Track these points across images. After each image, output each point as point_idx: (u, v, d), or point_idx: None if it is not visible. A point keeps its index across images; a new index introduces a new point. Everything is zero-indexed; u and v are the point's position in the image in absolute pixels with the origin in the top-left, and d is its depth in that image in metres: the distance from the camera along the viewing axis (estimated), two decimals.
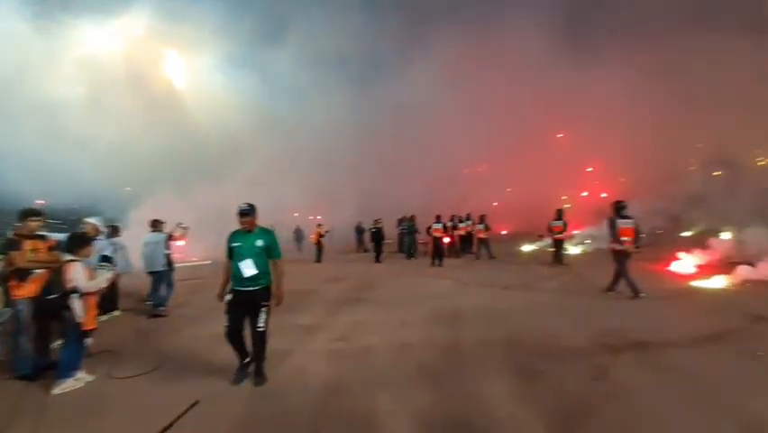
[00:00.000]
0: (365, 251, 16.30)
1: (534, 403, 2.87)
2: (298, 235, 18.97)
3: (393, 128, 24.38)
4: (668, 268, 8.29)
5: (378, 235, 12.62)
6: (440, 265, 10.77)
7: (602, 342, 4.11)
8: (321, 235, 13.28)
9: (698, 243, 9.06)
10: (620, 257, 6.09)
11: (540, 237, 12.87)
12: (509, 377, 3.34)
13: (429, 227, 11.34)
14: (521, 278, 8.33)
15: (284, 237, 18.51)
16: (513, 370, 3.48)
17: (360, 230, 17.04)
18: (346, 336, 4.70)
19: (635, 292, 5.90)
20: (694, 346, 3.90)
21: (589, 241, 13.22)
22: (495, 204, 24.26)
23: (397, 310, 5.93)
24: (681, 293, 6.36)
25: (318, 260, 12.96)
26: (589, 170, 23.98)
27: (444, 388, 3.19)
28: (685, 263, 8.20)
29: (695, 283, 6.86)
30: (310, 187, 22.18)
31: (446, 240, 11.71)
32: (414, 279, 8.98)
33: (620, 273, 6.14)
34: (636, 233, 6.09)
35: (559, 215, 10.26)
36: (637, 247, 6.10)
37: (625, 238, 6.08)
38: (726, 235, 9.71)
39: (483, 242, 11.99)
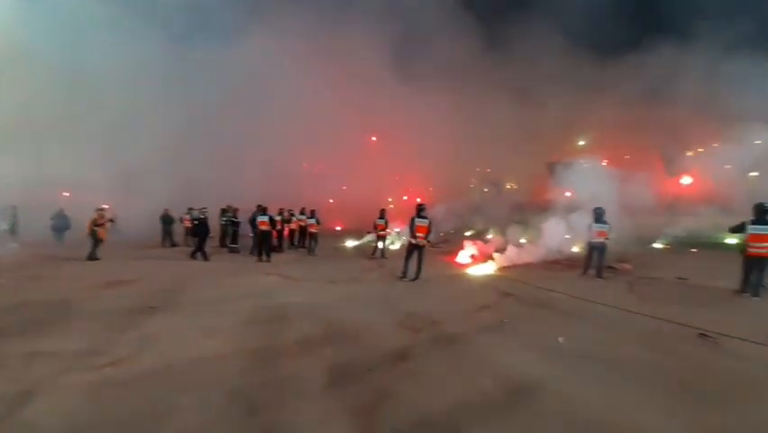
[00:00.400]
0: (172, 245, 13.55)
1: (342, 397, 2.86)
2: (59, 222, 13.99)
3: (225, 109, 21.36)
4: (454, 259, 10.49)
5: (201, 228, 10.60)
6: (267, 261, 10.07)
7: (407, 324, 4.65)
8: (98, 225, 9.92)
9: (474, 239, 11.88)
10: (412, 249, 7.43)
11: (368, 233, 14.01)
12: (322, 375, 3.25)
13: (253, 219, 10.43)
14: (347, 271, 8.71)
15: (37, 224, 13.37)
16: (327, 365, 3.42)
17: (167, 220, 13.95)
18: (122, 359, 3.56)
19: (404, 275, 7.45)
20: (466, 320, 4.92)
21: (404, 237, 15.39)
22: (331, 201, 25.13)
23: (206, 316, 5.03)
24: (460, 278, 8.11)
25: (92, 257, 9.76)
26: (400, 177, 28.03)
27: (253, 408, 2.78)
28: (464, 255, 10.58)
29: (469, 270, 8.89)
30: (101, 160, 16.81)
31: (285, 232, 11.10)
32: (234, 277, 7.99)
33: (418, 262, 7.48)
34: (429, 230, 7.35)
35: (382, 214, 11.40)
36: (428, 242, 7.39)
37: (419, 234, 7.37)
38: (490, 234, 13.16)
39: (313, 237, 12.03)
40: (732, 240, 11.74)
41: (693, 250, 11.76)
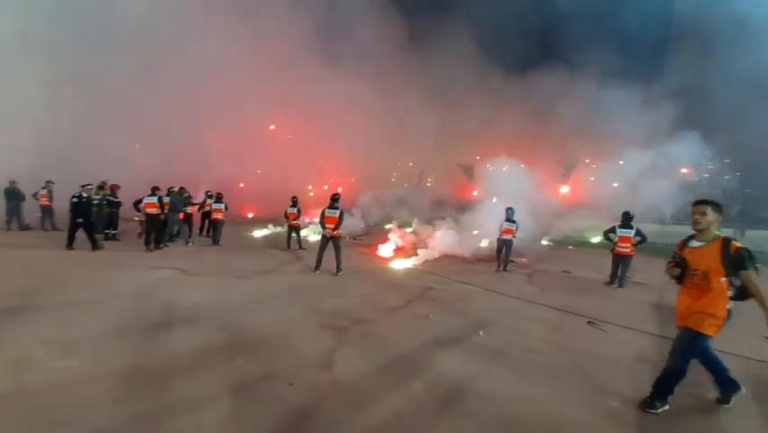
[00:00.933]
0: (22, 228, 10.55)
1: (255, 425, 2.34)
2: None
3: (116, 58, 17.05)
4: (376, 252, 10.40)
5: (82, 208, 8.16)
6: (152, 250, 8.47)
7: (330, 324, 4.24)
8: None
9: (397, 232, 11.94)
10: (324, 241, 7.28)
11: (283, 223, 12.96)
12: (226, 396, 2.65)
13: (139, 201, 8.67)
14: (259, 264, 7.82)
15: None
16: (234, 382, 2.82)
17: (12, 194, 10.72)
18: None
19: (317, 268, 7.23)
20: (390, 316, 4.74)
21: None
22: (242, 185, 22.73)
23: (67, 325, 3.83)
24: (383, 272, 8.00)
25: None
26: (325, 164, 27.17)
27: None
28: (387, 248, 10.57)
29: (392, 264, 8.86)
30: None
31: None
32: (111, 271, 6.42)
33: (336, 255, 7.23)
34: (339, 221, 7.28)
35: (294, 202, 10.54)
36: (338, 233, 7.27)
37: (328, 225, 7.26)
38: (411, 227, 13.41)
39: (217, 224, 10.50)
40: (596, 239, 14.44)
41: (570, 247, 13.91)
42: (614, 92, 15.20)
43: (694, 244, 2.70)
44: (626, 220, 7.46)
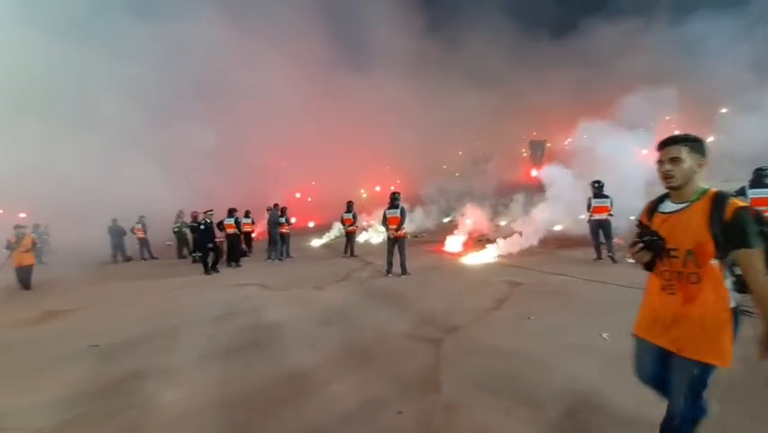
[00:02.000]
0: (126, 260, 11.95)
1: None
2: None
3: (175, 104, 19.20)
4: (443, 248, 9.87)
5: (209, 234, 8.60)
6: (237, 266, 8.94)
7: (421, 335, 3.89)
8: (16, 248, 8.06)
9: (456, 227, 11.22)
10: (390, 243, 7.06)
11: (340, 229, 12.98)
12: (338, 431, 2.41)
13: (220, 222, 9.22)
14: (330, 273, 7.78)
15: None
16: (339, 415, 2.58)
17: (115, 231, 12.18)
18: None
19: (388, 271, 7.00)
20: (483, 321, 4.24)
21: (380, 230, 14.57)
22: (298, 195, 23.80)
23: (164, 352, 3.98)
24: (459, 269, 7.47)
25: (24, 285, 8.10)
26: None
27: None
28: (454, 244, 9.98)
29: (465, 260, 8.28)
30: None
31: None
32: (195, 288, 6.82)
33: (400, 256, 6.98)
34: (401, 220, 6.96)
35: (349, 207, 10.27)
36: (402, 232, 6.99)
37: (391, 226, 6.99)
38: (468, 220, 12.46)
39: (285, 238, 10.76)
40: None
41: None
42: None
43: (668, 206, 1.66)
44: (599, 190, 6.97)
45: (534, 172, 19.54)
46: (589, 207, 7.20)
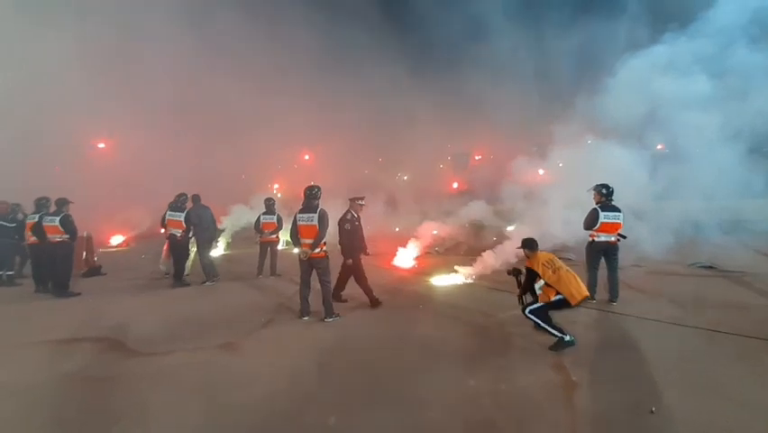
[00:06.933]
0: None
1: None
2: None
3: None
4: (393, 262, 7.84)
5: None
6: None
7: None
8: None
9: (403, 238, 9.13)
10: (302, 267, 4.67)
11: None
12: None
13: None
14: (243, 314, 4.90)
15: None
16: None
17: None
18: None
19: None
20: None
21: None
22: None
23: None
24: (427, 299, 5.50)
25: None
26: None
27: None
28: (404, 257, 8.01)
29: (433, 280, 6.40)
30: None
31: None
32: None
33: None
34: (319, 233, 4.47)
35: (269, 206, 7.66)
36: (317, 252, 4.56)
37: (305, 240, 4.60)
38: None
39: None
40: None
41: None
42: None
43: None
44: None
45: (455, 184, 19.35)
46: (594, 222, 4.83)
